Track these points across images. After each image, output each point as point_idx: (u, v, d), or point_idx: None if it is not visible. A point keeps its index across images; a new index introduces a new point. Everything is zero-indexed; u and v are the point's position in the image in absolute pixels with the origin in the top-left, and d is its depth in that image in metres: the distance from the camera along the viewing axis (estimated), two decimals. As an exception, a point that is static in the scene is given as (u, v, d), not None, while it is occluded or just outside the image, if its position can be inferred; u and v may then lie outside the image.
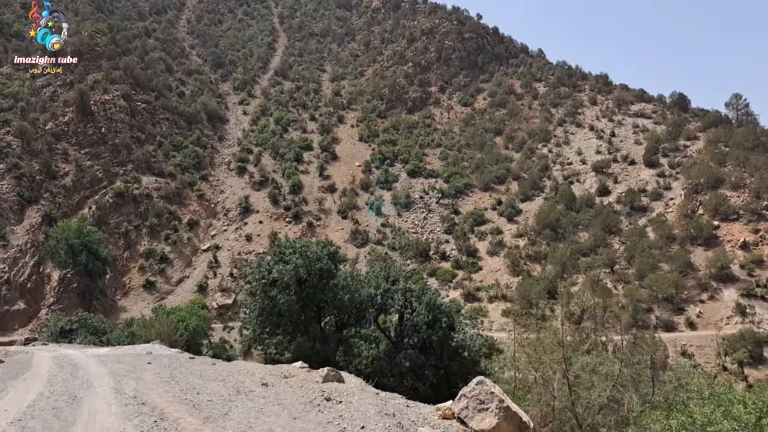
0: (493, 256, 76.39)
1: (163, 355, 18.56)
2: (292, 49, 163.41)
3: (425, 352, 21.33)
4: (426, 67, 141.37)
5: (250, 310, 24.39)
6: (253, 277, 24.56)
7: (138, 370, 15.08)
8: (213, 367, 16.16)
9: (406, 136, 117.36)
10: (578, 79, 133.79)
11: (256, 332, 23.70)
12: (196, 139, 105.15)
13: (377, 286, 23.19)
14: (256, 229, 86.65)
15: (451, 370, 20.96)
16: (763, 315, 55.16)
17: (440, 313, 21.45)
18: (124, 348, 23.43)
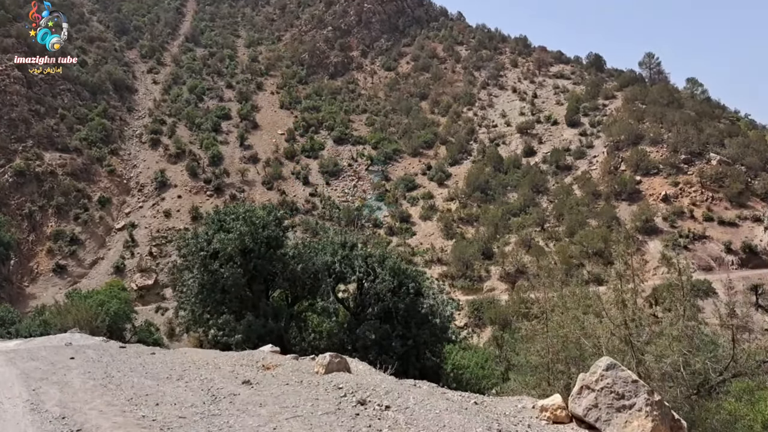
0: (426, 221, 75.48)
1: (87, 346, 15.32)
2: (202, 13, 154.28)
3: (389, 321, 19.37)
4: (346, 31, 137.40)
5: (187, 287, 21.39)
6: (189, 250, 21.48)
7: (60, 369, 11.65)
8: (156, 359, 13.16)
9: (330, 102, 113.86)
10: (498, 42, 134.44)
11: (196, 312, 20.74)
12: (102, 111, 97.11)
13: (334, 253, 20.87)
14: (174, 204, 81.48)
15: (421, 340, 19.15)
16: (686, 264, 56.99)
17: (406, 278, 19.51)
18: (38, 340, 19.58)
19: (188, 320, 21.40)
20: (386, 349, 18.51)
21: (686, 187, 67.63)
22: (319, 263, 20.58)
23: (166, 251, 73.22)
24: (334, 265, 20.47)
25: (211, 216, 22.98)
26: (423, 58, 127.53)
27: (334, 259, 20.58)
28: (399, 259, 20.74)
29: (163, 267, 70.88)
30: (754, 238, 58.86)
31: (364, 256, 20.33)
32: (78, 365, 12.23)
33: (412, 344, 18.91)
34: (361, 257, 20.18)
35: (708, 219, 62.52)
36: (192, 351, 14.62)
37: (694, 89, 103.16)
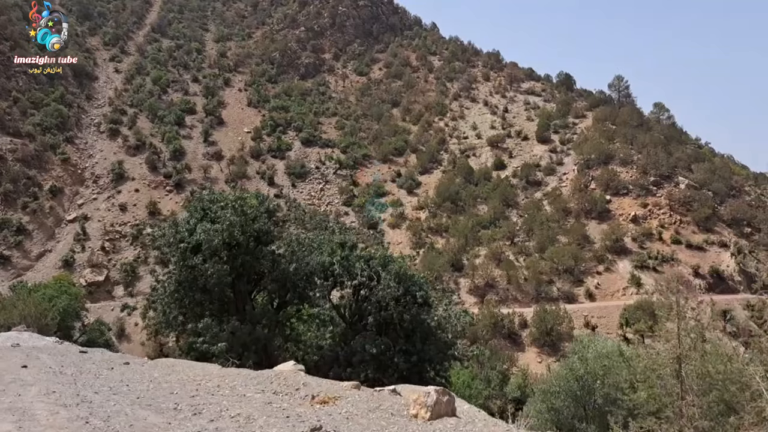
0: (395, 229, 73.80)
1: (40, 349, 12.73)
2: (170, 4, 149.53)
3: (388, 333, 17.29)
4: (319, 33, 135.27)
5: (161, 284, 18.87)
6: (165, 240, 18.63)
7: (10, 385, 8.62)
8: (136, 372, 10.65)
9: (300, 103, 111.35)
10: (471, 55, 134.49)
11: (169, 314, 18.18)
12: (59, 97, 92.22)
13: (332, 253, 18.62)
14: (131, 198, 77.57)
15: (426, 356, 17.12)
16: (655, 286, 56.85)
17: (412, 285, 17.48)
18: None
19: (159, 322, 18.72)
20: (386, 366, 16.46)
21: (655, 209, 67.87)
22: (315, 264, 18.38)
23: (119, 247, 69.51)
24: (332, 267, 18.26)
25: (194, 203, 20.22)
26: (396, 65, 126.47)
27: (333, 260, 18.36)
28: (404, 263, 18.71)
29: (115, 263, 67.10)
30: (722, 263, 59.17)
31: (367, 258, 18.24)
32: (35, 379, 9.29)
33: (416, 361, 16.89)
34: (363, 259, 18.09)
35: (676, 242, 62.69)
36: (179, 364, 12.27)
37: (661, 114, 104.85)
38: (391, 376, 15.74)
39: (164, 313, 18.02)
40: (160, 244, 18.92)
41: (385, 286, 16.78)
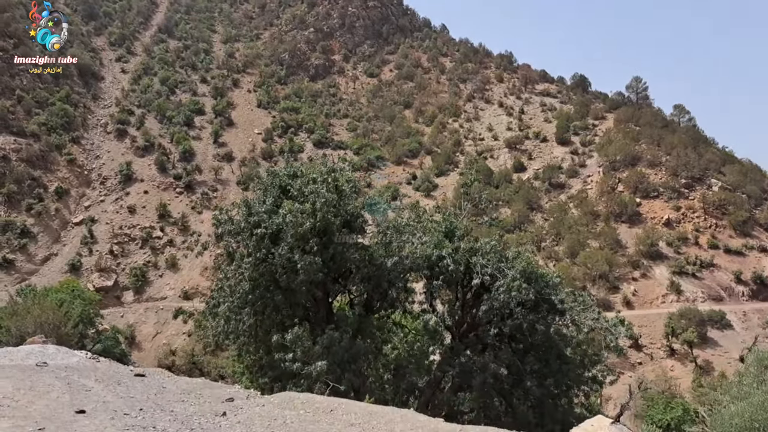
0: (414, 233, 70.78)
1: (76, 369, 9.61)
2: (177, 5, 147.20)
3: (512, 350, 14.12)
4: (329, 34, 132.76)
5: (228, 283, 15.25)
6: (235, 226, 15.07)
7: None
8: (253, 420, 7.52)
9: (310, 104, 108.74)
10: (483, 57, 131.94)
11: (239, 321, 14.85)
12: (64, 96, 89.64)
13: (439, 245, 15.47)
14: (140, 199, 74.71)
15: (565, 379, 13.94)
16: (696, 293, 53.94)
17: (546, 286, 14.43)
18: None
19: (221, 332, 15.27)
20: (508, 392, 13.40)
21: (688, 212, 64.99)
22: (417, 258, 15.28)
23: (128, 250, 66.58)
24: (443, 262, 15.11)
25: (268, 178, 16.44)
26: (407, 66, 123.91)
27: (443, 253, 15.19)
28: (530, 258, 15.68)
29: (124, 267, 64.18)
30: (764, 269, 56.18)
31: (485, 250, 15.15)
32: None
33: (552, 384, 13.76)
34: (482, 253, 15.04)
35: (713, 246, 59.75)
36: (323, 402, 8.89)
37: (681, 116, 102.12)
38: (521, 404, 12.76)
39: (229, 320, 14.81)
40: (226, 232, 15.59)
41: (509, 287, 13.66)
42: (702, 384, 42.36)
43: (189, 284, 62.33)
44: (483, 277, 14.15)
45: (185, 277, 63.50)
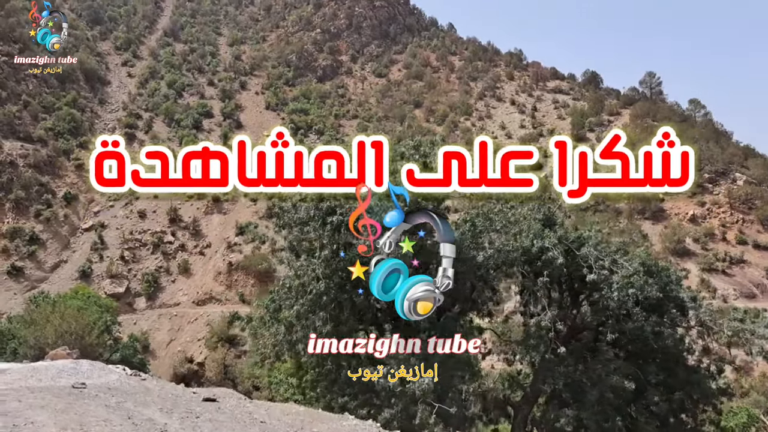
0: (431, 233, 69.20)
1: (122, 392, 7.98)
2: (182, 9, 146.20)
3: (613, 359, 12.41)
4: (336, 35, 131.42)
5: (293, 282, 13.47)
6: (304, 214, 13.51)
7: None
8: None
9: (319, 105, 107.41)
10: (492, 55, 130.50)
11: (307, 327, 13.15)
12: (71, 101, 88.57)
13: (539, 235, 13.79)
14: (150, 204, 73.13)
15: (695, 393, 12.27)
16: (727, 290, 52.12)
17: (670, 282, 12.75)
18: (11, 370, 11.44)
19: (286, 341, 13.41)
20: (627, 409, 11.68)
21: (714, 207, 63.15)
22: (511, 251, 13.55)
23: (140, 256, 65.16)
24: (547, 255, 13.40)
25: None
26: (416, 66, 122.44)
27: (546, 244, 13.47)
28: (647, 249, 13.96)
29: (136, 273, 62.74)
30: (797, 265, 54.31)
31: (595, 242, 13.46)
32: None
33: (679, 400, 12.07)
34: (592, 243, 13.34)
35: (742, 242, 57.90)
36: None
37: (696, 110, 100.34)
38: (648, 423, 11.05)
39: (292, 327, 13.07)
40: (291, 222, 13.83)
41: (628, 283, 11.97)
42: (743, 385, 40.56)
43: (202, 289, 60.86)
44: (600, 271, 12.36)
45: (198, 283, 62.04)
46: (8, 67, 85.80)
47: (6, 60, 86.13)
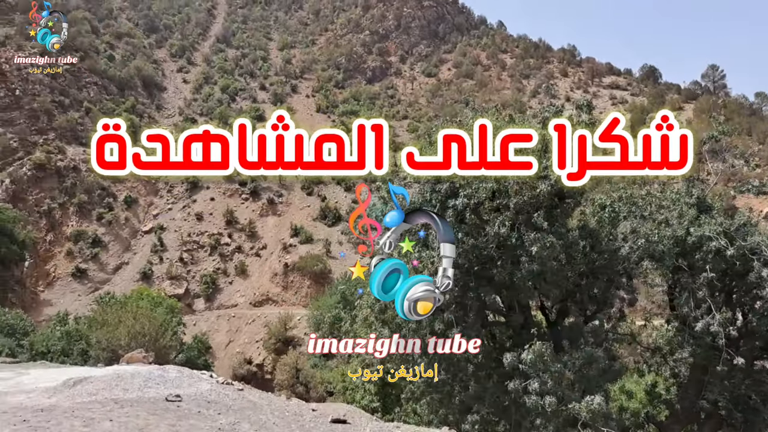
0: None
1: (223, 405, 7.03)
2: (234, 16, 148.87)
3: None
4: (384, 36, 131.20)
5: None
6: (419, 197, 12.40)
7: None
8: None
9: (369, 107, 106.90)
10: (544, 51, 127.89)
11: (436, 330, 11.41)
12: (130, 107, 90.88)
13: (696, 223, 12.47)
14: (207, 206, 74.18)
15: None
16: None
17: None
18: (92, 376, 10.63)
19: None
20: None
21: (791, 203, 59.42)
22: (656, 241, 12.12)
23: (197, 257, 65.97)
24: (708, 245, 12.03)
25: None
26: (466, 64, 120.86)
27: (707, 233, 12.08)
28: None
29: (194, 275, 63.52)
30: None
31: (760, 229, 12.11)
32: None
33: None
34: (759, 232, 12.06)
35: (825, 240, 54.14)
36: None
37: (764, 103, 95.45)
38: None
39: (400, 328, 12.06)
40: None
41: None
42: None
43: (259, 291, 61.05)
44: None
45: (255, 284, 62.28)
46: (70, 75, 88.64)
47: (69, 68, 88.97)
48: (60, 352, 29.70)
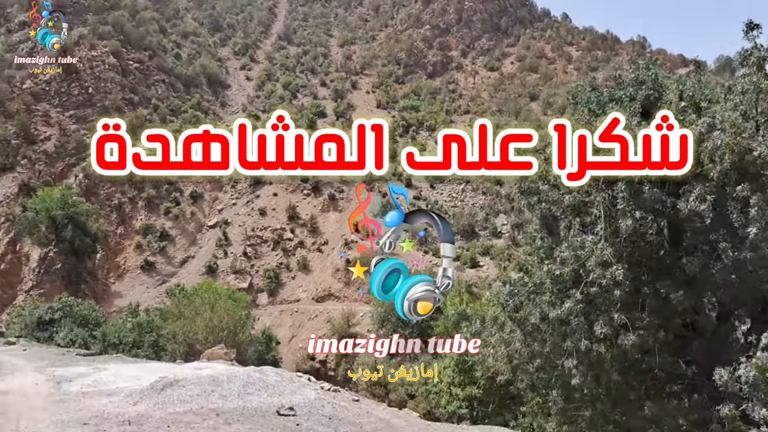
0: (556, 231, 65.23)
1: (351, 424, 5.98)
2: (294, 13, 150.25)
3: None
4: (445, 30, 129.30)
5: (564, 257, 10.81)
6: None
7: None
8: None
9: (429, 102, 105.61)
10: (612, 43, 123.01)
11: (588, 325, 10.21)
12: (196, 104, 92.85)
13: None
14: (270, 202, 74.62)
15: None
16: None
17: None
18: (181, 375, 10.59)
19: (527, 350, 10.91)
20: None
21: None
22: None
23: (261, 252, 66.40)
24: None
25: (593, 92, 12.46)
26: (530, 58, 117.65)
27: None
28: None
29: (258, 269, 63.89)
30: None
31: None
32: None
33: None
34: None
35: None
36: None
37: None
38: None
39: (538, 332, 10.67)
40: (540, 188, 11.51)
41: None
42: None
43: (321, 286, 60.80)
44: None
45: (317, 279, 62.09)
46: (140, 73, 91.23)
47: (138, 66, 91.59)
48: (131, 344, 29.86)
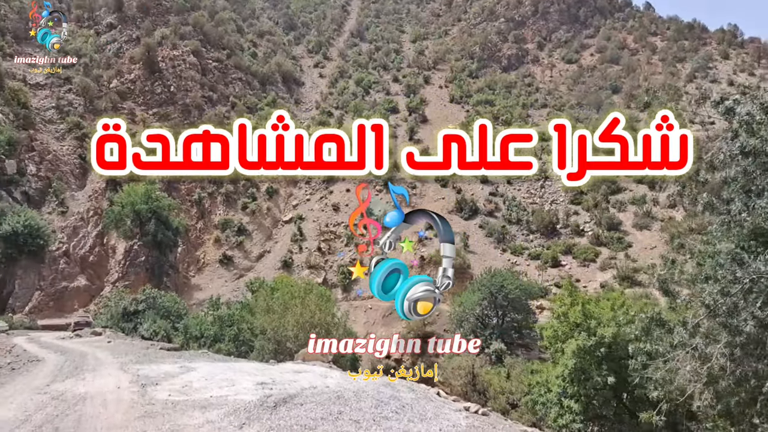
0: (643, 230, 61.70)
1: None
2: (367, 10, 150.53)
3: None
4: (520, 23, 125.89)
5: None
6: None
7: None
8: None
9: (504, 96, 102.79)
10: (700, 33, 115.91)
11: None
12: (271, 101, 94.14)
13: None
14: (343, 198, 74.51)
15: None
16: None
17: None
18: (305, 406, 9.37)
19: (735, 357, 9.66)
20: None
21: None
22: None
23: (334, 247, 66.28)
24: None
25: None
26: (611, 49, 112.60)
27: None
28: None
29: (331, 264, 63.80)
30: None
31: None
32: None
33: None
34: None
35: None
36: None
37: None
38: None
39: None
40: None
41: None
42: None
43: (395, 283, 59.97)
44: None
45: (391, 276, 61.31)
46: (218, 72, 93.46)
47: (216, 65, 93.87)
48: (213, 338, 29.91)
